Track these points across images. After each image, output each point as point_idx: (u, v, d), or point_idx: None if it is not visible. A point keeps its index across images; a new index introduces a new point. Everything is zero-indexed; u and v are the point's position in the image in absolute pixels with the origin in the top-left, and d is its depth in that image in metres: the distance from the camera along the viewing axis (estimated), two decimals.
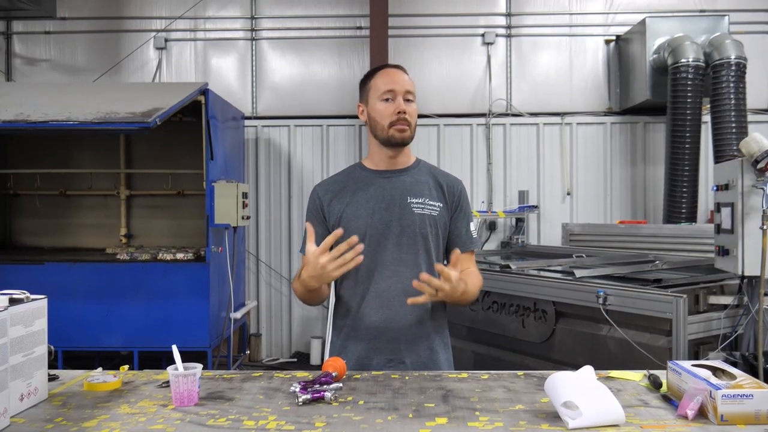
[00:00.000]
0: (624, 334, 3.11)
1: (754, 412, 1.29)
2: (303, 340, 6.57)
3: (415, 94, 1.97)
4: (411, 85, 1.96)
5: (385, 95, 1.93)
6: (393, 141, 1.93)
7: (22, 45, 6.79)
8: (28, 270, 4.94)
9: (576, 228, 5.61)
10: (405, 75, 1.98)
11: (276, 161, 6.65)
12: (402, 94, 1.92)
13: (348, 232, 1.90)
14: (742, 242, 3.07)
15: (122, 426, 1.32)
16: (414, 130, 1.96)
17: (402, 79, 1.95)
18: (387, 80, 1.95)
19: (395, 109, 1.91)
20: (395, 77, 1.96)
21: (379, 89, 1.94)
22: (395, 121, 1.91)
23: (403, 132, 1.92)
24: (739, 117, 5.40)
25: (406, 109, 1.91)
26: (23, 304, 1.43)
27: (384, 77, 1.96)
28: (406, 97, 1.93)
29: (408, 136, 1.93)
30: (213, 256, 4.95)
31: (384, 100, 1.93)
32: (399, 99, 1.91)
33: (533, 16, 6.61)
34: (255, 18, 6.69)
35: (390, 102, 1.92)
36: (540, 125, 6.55)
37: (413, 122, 1.95)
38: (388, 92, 1.92)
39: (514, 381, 1.66)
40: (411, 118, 1.93)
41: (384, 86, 1.94)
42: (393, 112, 1.91)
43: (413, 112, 1.95)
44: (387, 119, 1.92)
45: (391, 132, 1.92)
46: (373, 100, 1.96)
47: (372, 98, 1.97)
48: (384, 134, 1.93)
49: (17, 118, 4.50)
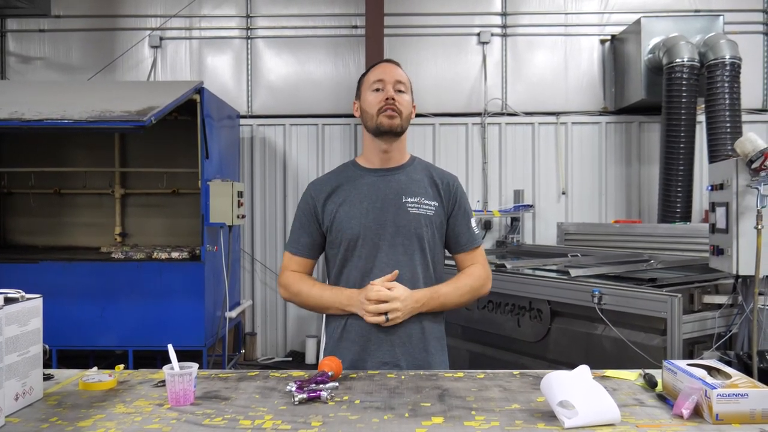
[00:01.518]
0: (619, 334, 3.12)
1: (749, 411, 1.29)
2: (298, 339, 6.57)
3: (408, 87, 1.96)
4: (403, 77, 1.95)
5: (374, 85, 1.93)
6: (381, 128, 1.90)
7: (17, 43, 6.75)
8: (23, 269, 4.92)
9: (571, 227, 5.62)
10: (398, 68, 1.98)
11: (271, 160, 6.64)
12: (392, 84, 1.91)
13: (342, 232, 1.91)
14: (737, 242, 3.08)
15: (118, 425, 1.32)
16: (406, 121, 1.93)
17: (392, 71, 1.95)
18: (378, 72, 1.95)
19: (384, 96, 1.90)
20: (385, 69, 1.95)
21: (370, 81, 1.95)
22: (383, 107, 1.89)
23: (392, 119, 1.89)
24: (734, 117, 5.42)
25: (396, 97, 1.90)
26: (18, 304, 1.43)
27: (376, 70, 1.97)
28: (397, 88, 1.92)
29: (397, 123, 1.90)
30: (208, 255, 4.94)
31: (374, 90, 1.93)
32: (388, 87, 1.91)
33: (528, 16, 6.62)
34: (250, 17, 6.67)
35: (380, 92, 1.92)
36: (535, 125, 6.56)
37: (404, 112, 1.92)
38: (378, 82, 1.92)
39: (510, 380, 1.66)
40: (401, 107, 1.91)
41: (374, 77, 1.94)
42: (381, 100, 1.90)
43: (404, 102, 1.92)
44: (375, 107, 1.90)
45: (380, 119, 1.89)
46: (365, 93, 1.96)
47: (364, 91, 1.97)
48: (373, 123, 1.91)
49: (11, 116, 4.47)
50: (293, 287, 1.97)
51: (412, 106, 1.98)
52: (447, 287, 1.93)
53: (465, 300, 1.95)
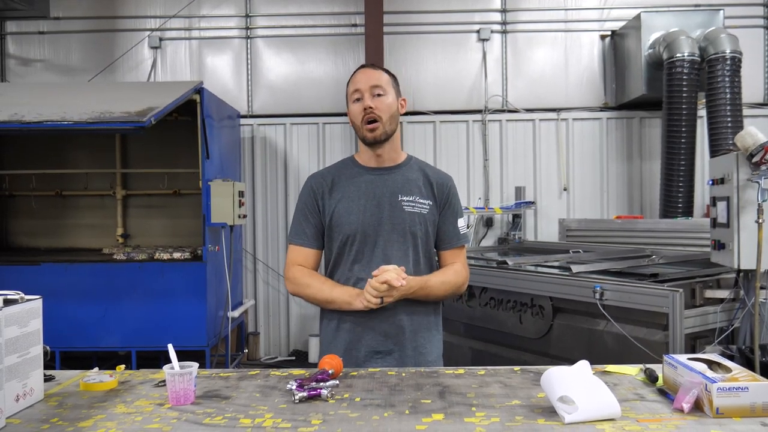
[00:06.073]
0: (621, 329, 3.11)
1: (749, 404, 1.29)
2: (301, 338, 6.57)
3: (387, 86, 1.96)
4: (379, 79, 1.96)
5: (353, 95, 1.97)
6: (367, 140, 1.96)
7: (16, 45, 6.76)
8: (25, 271, 4.93)
9: (573, 224, 5.62)
10: (374, 71, 1.99)
11: (272, 160, 6.64)
12: (368, 91, 1.93)
13: (340, 228, 1.96)
14: (738, 236, 3.08)
15: (118, 425, 1.32)
16: (389, 123, 1.95)
17: (367, 76, 1.96)
18: (354, 81, 1.98)
19: (362, 106, 1.93)
20: (360, 77, 1.98)
21: (350, 91, 1.99)
22: (364, 118, 1.93)
23: (373, 131, 1.94)
24: (735, 111, 5.40)
25: (373, 104, 1.92)
26: (18, 305, 1.43)
27: (353, 79, 2.00)
28: (375, 92, 1.94)
29: (379, 134, 1.94)
30: (210, 255, 4.94)
31: (354, 101, 1.97)
32: (365, 96, 1.93)
33: (528, 12, 6.61)
34: (250, 16, 6.67)
35: (359, 102, 1.95)
36: (536, 121, 6.55)
37: (384, 116, 1.94)
38: (355, 92, 1.96)
39: (511, 376, 1.66)
40: (379, 112, 1.93)
41: (352, 87, 1.98)
42: (361, 111, 1.93)
43: (382, 105, 1.94)
44: (358, 118, 1.95)
45: (363, 131, 1.95)
46: (349, 103, 2.00)
47: (348, 102, 2.01)
48: (360, 134, 1.97)
49: (11, 118, 4.48)
50: (303, 279, 1.99)
51: (401, 101, 2.01)
52: (435, 279, 1.98)
53: (447, 294, 2.02)
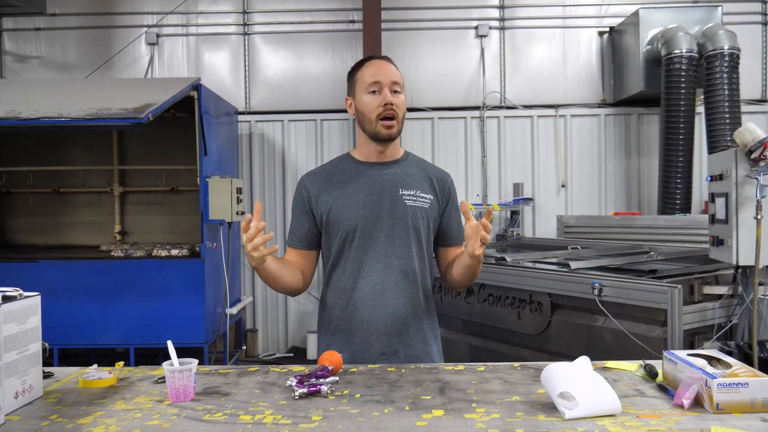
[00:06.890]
0: (619, 325, 3.12)
1: (749, 400, 1.29)
2: (299, 335, 6.57)
3: (402, 86, 1.93)
4: (398, 76, 1.92)
5: (371, 87, 1.90)
6: (380, 137, 1.90)
7: (12, 42, 6.73)
8: (23, 268, 4.92)
9: (571, 220, 5.62)
10: (392, 66, 1.94)
11: (270, 156, 6.63)
12: (388, 86, 1.89)
13: (339, 224, 1.92)
14: (737, 232, 3.08)
15: (118, 422, 1.32)
16: (401, 123, 1.93)
17: (388, 70, 1.91)
18: (373, 71, 1.91)
19: (382, 101, 1.87)
20: (381, 68, 1.92)
21: (366, 81, 1.91)
22: (382, 113, 1.87)
23: (390, 129, 1.89)
24: (733, 107, 5.41)
25: (393, 101, 1.88)
26: (16, 302, 1.42)
27: (370, 69, 1.93)
28: (393, 89, 1.90)
29: (395, 131, 1.90)
30: (208, 251, 4.93)
31: (370, 93, 1.90)
32: (385, 90, 1.88)
33: (526, 8, 6.60)
34: (247, 12, 6.65)
35: (376, 94, 1.89)
36: (534, 118, 6.55)
37: (401, 114, 1.91)
38: (374, 84, 1.89)
39: (511, 373, 1.66)
40: (398, 110, 1.89)
41: (370, 78, 1.90)
42: (380, 104, 1.88)
43: (400, 104, 1.91)
44: (374, 112, 1.89)
45: (378, 127, 1.89)
46: (360, 93, 1.93)
47: (359, 91, 1.94)
48: (372, 128, 1.91)
49: (8, 115, 4.47)
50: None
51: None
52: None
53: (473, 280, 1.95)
